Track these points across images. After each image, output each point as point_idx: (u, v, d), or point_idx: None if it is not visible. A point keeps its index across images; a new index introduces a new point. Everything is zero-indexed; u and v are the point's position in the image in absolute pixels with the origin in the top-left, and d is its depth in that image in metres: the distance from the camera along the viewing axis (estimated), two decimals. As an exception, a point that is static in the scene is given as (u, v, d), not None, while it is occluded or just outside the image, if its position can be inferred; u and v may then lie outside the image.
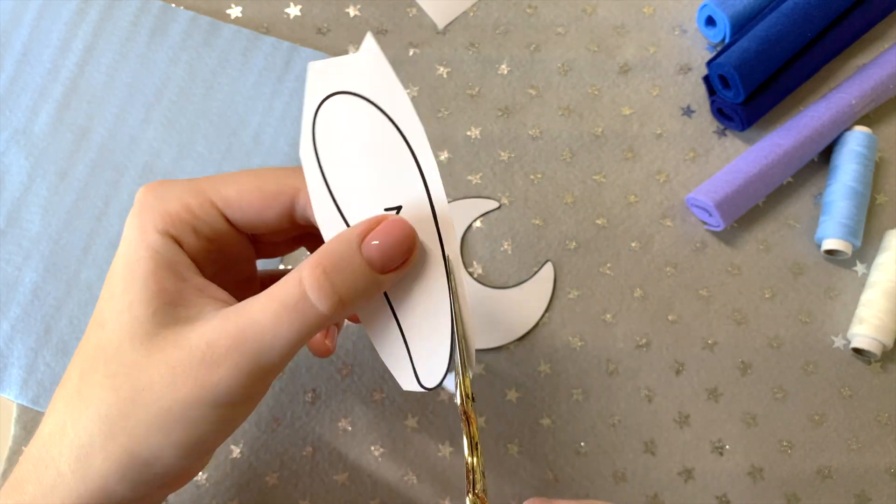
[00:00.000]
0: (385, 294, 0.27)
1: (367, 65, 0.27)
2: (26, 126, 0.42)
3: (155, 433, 0.25)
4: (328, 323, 0.25)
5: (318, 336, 0.33)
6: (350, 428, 0.39)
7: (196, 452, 0.26)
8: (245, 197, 0.28)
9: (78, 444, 0.25)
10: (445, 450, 0.39)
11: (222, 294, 0.27)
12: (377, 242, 0.25)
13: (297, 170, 0.28)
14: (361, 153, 0.27)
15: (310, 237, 0.32)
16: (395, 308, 0.27)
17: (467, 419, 0.26)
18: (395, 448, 0.39)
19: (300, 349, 0.26)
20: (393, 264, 0.26)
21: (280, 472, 0.38)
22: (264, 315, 0.25)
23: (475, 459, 0.26)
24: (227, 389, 0.25)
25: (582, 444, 0.40)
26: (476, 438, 0.26)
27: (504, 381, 0.40)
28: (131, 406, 0.25)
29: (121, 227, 0.41)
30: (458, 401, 0.26)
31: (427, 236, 0.27)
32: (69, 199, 0.41)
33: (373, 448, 0.39)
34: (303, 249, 0.40)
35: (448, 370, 0.27)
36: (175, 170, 0.42)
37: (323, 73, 0.27)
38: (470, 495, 0.25)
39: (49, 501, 0.25)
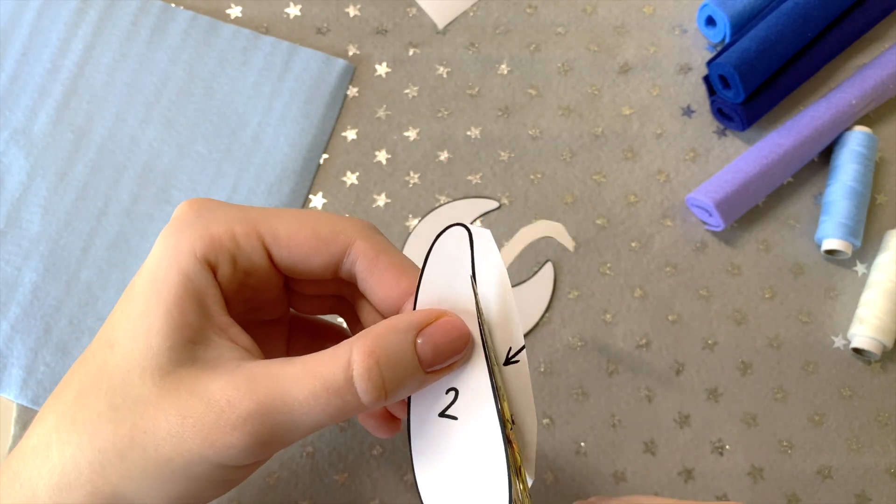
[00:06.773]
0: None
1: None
2: (26, 126, 0.42)
3: (149, 481, 0.23)
4: (362, 411, 0.24)
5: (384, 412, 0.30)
6: (350, 428, 0.39)
7: None
8: (297, 236, 0.26)
9: (61, 471, 0.23)
10: (445, 450, 0.39)
11: (244, 339, 0.25)
12: (430, 339, 0.24)
13: (352, 220, 0.26)
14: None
15: (347, 304, 0.30)
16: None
17: (509, 444, 0.24)
18: (395, 448, 0.39)
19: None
20: (441, 364, 0.24)
21: (280, 472, 0.38)
22: (300, 390, 0.23)
23: (520, 486, 0.24)
24: (237, 454, 0.23)
25: (582, 444, 0.39)
26: (519, 463, 0.24)
27: (504, 381, 0.40)
28: (129, 445, 0.23)
29: (120, 227, 0.41)
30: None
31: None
32: (69, 199, 0.41)
33: (373, 448, 0.39)
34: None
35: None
36: (175, 170, 0.42)
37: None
38: None
39: None
